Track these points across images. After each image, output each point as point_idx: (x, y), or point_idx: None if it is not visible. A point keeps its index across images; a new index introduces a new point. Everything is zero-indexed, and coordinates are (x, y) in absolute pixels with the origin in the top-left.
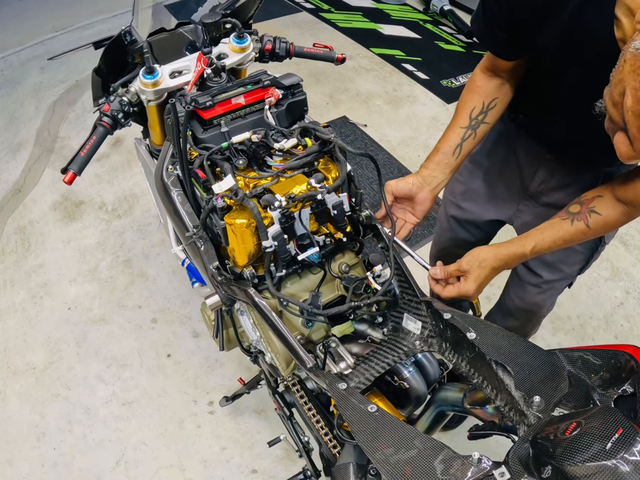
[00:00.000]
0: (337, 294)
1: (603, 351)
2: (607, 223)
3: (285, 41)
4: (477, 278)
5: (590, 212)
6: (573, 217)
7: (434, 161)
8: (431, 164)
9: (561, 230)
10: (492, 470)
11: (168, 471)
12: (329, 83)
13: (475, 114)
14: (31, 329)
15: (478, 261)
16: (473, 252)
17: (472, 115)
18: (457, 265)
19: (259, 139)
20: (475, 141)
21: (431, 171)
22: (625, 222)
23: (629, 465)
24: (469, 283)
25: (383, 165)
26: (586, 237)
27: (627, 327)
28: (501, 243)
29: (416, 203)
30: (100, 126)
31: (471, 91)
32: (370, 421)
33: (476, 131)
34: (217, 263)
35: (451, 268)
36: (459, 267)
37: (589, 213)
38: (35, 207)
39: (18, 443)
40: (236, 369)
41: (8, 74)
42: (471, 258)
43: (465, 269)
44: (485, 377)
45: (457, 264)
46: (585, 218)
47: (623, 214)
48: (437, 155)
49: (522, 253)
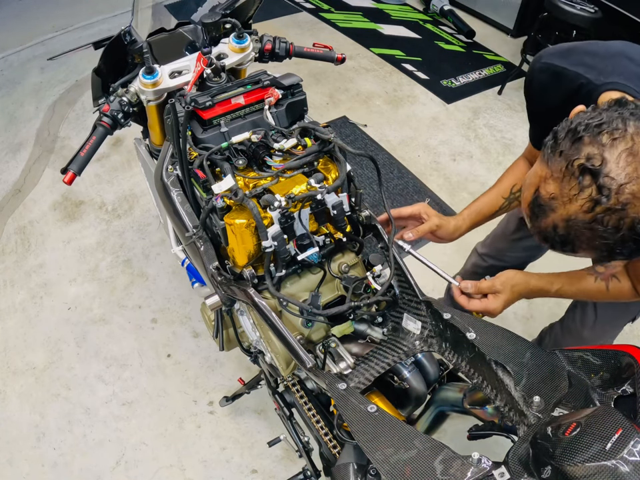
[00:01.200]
0: (337, 294)
1: (602, 351)
2: (622, 292)
3: (285, 41)
4: (506, 300)
5: (612, 276)
6: (597, 276)
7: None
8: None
9: (585, 283)
10: (492, 470)
11: (168, 471)
12: (329, 83)
13: (515, 189)
14: (31, 329)
15: (511, 284)
16: (507, 274)
17: (513, 190)
18: (490, 284)
19: (258, 139)
20: (507, 211)
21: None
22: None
23: (629, 465)
24: (497, 302)
25: (383, 165)
26: (604, 298)
27: (627, 327)
28: (533, 274)
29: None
30: (100, 126)
31: (516, 165)
32: (370, 421)
33: (511, 204)
34: (216, 263)
35: (484, 285)
36: (492, 286)
37: (611, 277)
38: (35, 207)
39: (18, 443)
40: (236, 369)
41: (8, 74)
42: (505, 280)
43: (498, 289)
44: (484, 376)
45: (490, 282)
46: (607, 279)
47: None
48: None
49: (548, 289)
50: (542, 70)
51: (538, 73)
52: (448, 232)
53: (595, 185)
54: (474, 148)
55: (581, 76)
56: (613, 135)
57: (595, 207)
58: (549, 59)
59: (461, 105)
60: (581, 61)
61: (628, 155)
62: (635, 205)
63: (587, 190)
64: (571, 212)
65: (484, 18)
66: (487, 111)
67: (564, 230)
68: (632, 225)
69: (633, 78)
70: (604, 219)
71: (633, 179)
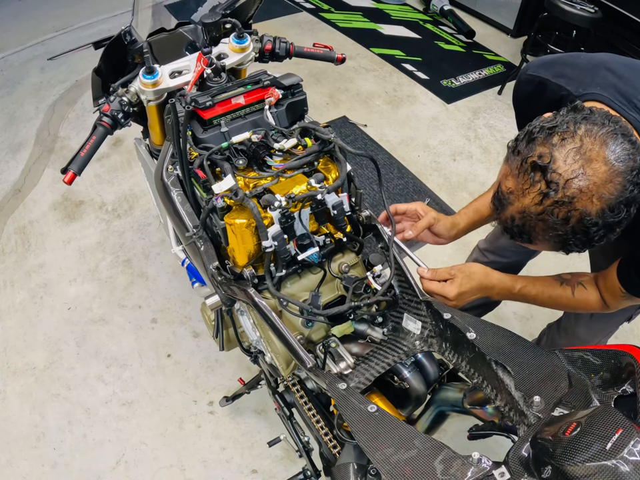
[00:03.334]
0: (337, 294)
1: (602, 351)
2: (588, 301)
3: (285, 41)
4: (460, 285)
5: (578, 283)
6: (563, 281)
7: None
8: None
9: (550, 287)
10: (492, 470)
11: (168, 470)
12: (328, 83)
13: None
14: (31, 329)
15: (468, 271)
16: (468, 264)
17: None
18: (447, 269)
19: (258, 139)
20: None
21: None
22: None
23: (629, 465)
24: (452, 286)
25: (383, 165)
26: (568, 304)
27: (627, 327)
28: (496, 270)
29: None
30: (100, 126)
31: None
32: (370, 421)
33: None
34: (216, 263)
35: (441, 270)
36: (448, 271)
37: (577, 284)
38: (35, 207)
39: (18, 443)
40: (236, 369)
41: (8, 74)
42: (464, 267)
43: (452, 273)
44: (484, 377)
45: (448, 268)
46: (572, 285)
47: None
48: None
49: (511, 286)
50: (528, 81)
51: (524, 85)
52: (446, 227)
53: (544, 180)
54: (474, 148)
55: (562, 88)
56: (563, 135)
57: (543, 200)
58: (535, 70)
59: (461, 105)
60: (562, 73)
61: (575, 153)
62: (581, 199)
63: (537, 184)
64: (524, 204)
65: (484, 18)
66: (486, 111)
67: (520, 221)
68: (580, 217)
69: (608, 88)
70: (553, 210)
71: (579, 174)
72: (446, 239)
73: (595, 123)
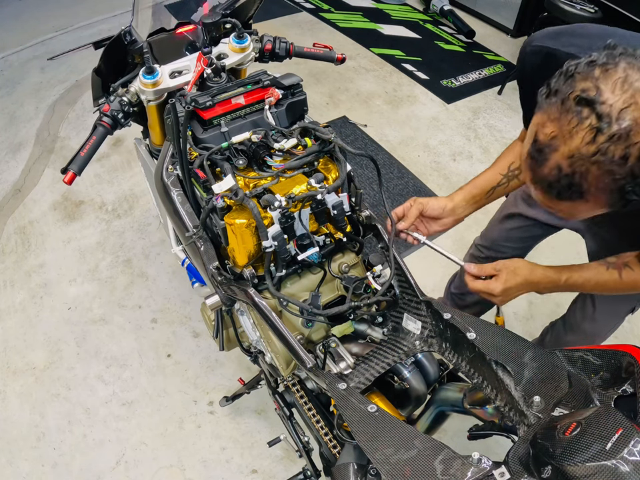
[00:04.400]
0: (337, 294)
1: (602, 351)
2: (636, 281)
3: (285, 41)
4: (506, 281)
5: (624, 265)
6: (609, 265)
7: (470, 193)
8: (467, 195)
9: (597, 273)
10: (492, 470)
11: (168, 470)
12: (328, 82)
13: (513, 167)
14: (31, 329)
15: (513, 267)
16: (512, 259)
17: (510, 167)
18: (493, 265)
19: (258, 139)
20: (505, 190)
21: (463, 201)
22: None
23: (629, 465)
24: (497, 282)
25: (383, 165)
26: (617, 287)
27: (627, 327)
28: (540, 264)
29: (436, 224)
30: (100, 126)
31: (514, 147)
32: (370, 421)
33: (510, 183)
34: (216, 263)
35: (487, 266)
36: (494, 267)
37: (624, 266)
38: (35, 207)
39: (18, 443)
40: (236, 369)
41: (8, 74)
42: (508, 263)
43: (498, 269)
44: (484, 377)
45: (493, 264)
46: (619, 268)
47: None
48: (474, 189)
49: (557, 279)
50: (534, 52)
51: (530, 56)
52: (439, 205)
53: (593, 114)
54: (474, 148)
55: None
56: (605, 67)
57: (596, 137)
58: (541, 41)
59: (461, 105)
60: (571, 42)
61: (622, 83)
62: (638, 131)
63: (586, 120)
64: (573, 147)
65: (484, 18)
66: (486, 110)
67: (569, 168)
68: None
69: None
70: (609, 148)
71: (632, 104)
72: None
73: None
